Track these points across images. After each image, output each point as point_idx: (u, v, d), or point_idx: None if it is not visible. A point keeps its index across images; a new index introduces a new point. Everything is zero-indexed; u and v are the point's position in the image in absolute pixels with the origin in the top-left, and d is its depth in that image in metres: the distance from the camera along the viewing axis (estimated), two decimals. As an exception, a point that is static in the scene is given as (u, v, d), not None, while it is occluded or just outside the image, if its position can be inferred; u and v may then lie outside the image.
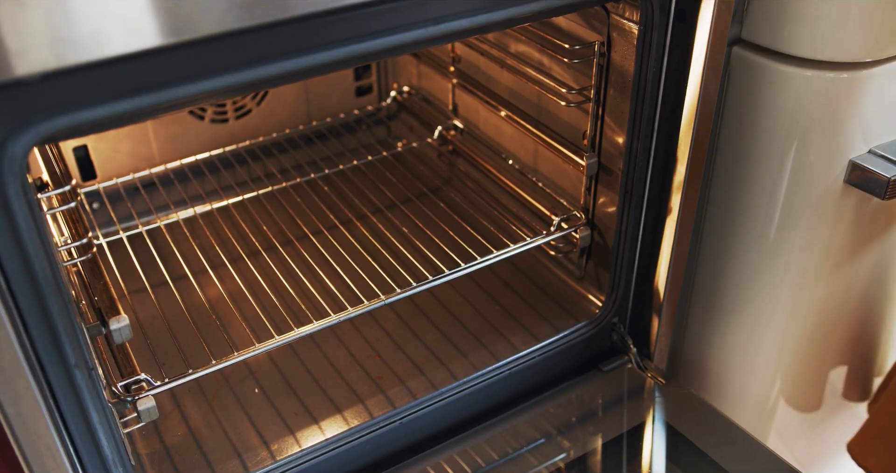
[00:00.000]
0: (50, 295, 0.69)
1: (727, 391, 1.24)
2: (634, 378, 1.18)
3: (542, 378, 1.16)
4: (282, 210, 1.37)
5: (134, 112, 0.66)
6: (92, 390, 0.76)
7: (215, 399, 1.08)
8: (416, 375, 1.11)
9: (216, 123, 1.41)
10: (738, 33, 0.99)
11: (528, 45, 1.19)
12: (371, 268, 1.19)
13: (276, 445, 1.01)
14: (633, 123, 1.00)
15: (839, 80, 0.96)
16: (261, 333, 1.05)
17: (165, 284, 1.20)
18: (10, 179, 0.63)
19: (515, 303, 1.23)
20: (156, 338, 1.16)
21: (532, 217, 1.29)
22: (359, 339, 1.18)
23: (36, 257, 0.67)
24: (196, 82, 0.67)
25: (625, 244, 1.10)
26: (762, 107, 1.01)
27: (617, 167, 1.06)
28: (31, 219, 0.66)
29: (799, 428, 1.30)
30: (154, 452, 1.00)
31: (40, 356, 0.71)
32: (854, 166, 1.02)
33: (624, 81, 1.00)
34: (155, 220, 1.31)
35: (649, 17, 0.91)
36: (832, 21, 0.93)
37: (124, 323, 0.82)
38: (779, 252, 1.08)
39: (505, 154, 1.35)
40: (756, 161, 1.04)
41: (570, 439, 1.10)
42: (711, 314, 1.20)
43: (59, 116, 0.63)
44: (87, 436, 0.78)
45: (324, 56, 0.73)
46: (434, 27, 0.77)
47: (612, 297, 1.16)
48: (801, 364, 1.19)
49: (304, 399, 1.08)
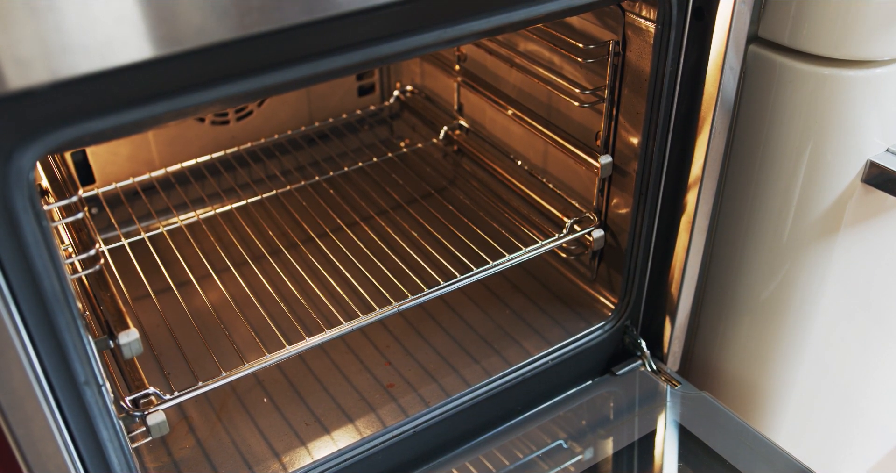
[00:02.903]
0: (58, 311, 0.67)
1: (740, 392, 1.23)
2: (647, 381, 1.16)
3: (555, 383, 1.14)
4: (285, 213, 1.34)
5: (145, 121, 0.63)
6: (102, 406, 0.74)
7: (223, 410, 1.06)
8: (427, 382, 1.09)
9: (217, 125, 1.39)
10: (755, 31, 0.98)
11: (538, 43, 1.17)
12: (379, 272, 1.17)
13: (287, 456, 0.99)
14: (649, 123, 0.98)
15: (857, 78, 0.94)
16: (267, 340, 1.03)
17: (168, 290, 1.17)
18: (18, 192, 0.60)
19: (526, 306, 1.21)
20: (160, 346, 1.13)
21: (542, 219, 1.27)
22: (367, 345, 1.15)
23: (44, 272, 0.64)
24: (207, 90, 0.65)
25: (638, 246, 1.09)
26: (779, 106, 0.99)
27: (631, 168, 1.04)
28: (39, 233, 0.63)
29: (813, 430, 1.28)
30: (162, 466, 0.98)
31: (49, 374, 0.68)
32: (872, 165, 1.00)
33: (639, 80, 0.98)
34: (156, 224, 1.28)
35: (667, 16, 0.90)
36: (849, 19, 0.91)
37: (134, 337, 0.80)
38: (793, 253, 1.07)
39: (513, 155, 1.33)
40: (772, 161, 1.03)
41: (583, 443, 1.08)
42: (724, 315, 1.18)
43: (68, 126, 0.60)
44: (97, 454, 0.76)
45: (339, 60, 0.70)
46: (450, 29, 0.75)
47: (624, 299, 1.14)
48: (814, 366, 1.18)
49: (314, 409, 1.05)
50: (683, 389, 1.14)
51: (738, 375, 1.22)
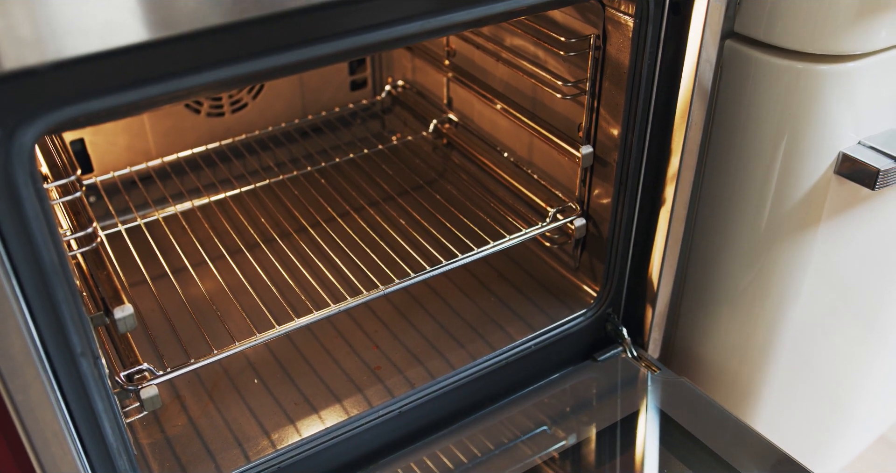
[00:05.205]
0: (57, 284, 0.70)
1: (719, 378, 1.26)
2: (628, 367, 1.19)
3: (538, 368, 1.17)
4: (278, 203, 1.38)
5: (141, 102, 0.67)
6: (97, 378, 0.77)
7: (215, 390, 1.09)
8: (413, 365, 1.12)
9: (212, 117, 1.42)
10: (731, 27, 1.01)
11: (523, 38, 1.21)
12: (368, 259, 1.20)
13: (276, 434, 1.02)
14: (628, 115, 1.02)
15: (830, 72, 0.97)
16: (259, 324, 1.06)
17: (163, 276, 1.20)
18: (20, 168, 0.63)
19: (511, 294, 1.24)
20: (155, 330, 1.16)
21: (527, 209, 1.30)
22: (356, 330, 1.19)
23: (43, 246, 0.68)
24: (202, 73, 0.68)
25: (619, 235, 1.12)
26: (754, 99, 1.02)
27: (612, 159, 1.08)
28: (39, 208, 0.66)
29: (789, 415, 1.32)
30: (155, 442, 1.01)
31: (47, 344, 0.72)
32: (844, 158, 1.03)
33: (619, 73, 1.02)
34: (152, 213, 1.31)
35: (645, 10, 0.93)
36: (822, 15, 0.94)
37: (128, 312, 0.83)
38: (770, 242, 1.10)
39: (500, 147, 1.37)
40: (748, 153, 1.06)
41: (565, 427, 1.11)
42: (704, 303, 1.22)
43: (68, 105, 0.63)
44: (92, 424, 0.79)
45: (324, 48, 0.73)
46: (433, 20, 0.79)
47: (606, 287, 1.17)
48: (793, 355, 1.21)
49: (304, 389, 1.09)
50: (663, 374, 1.17)
51: (718, 362, 1.25)
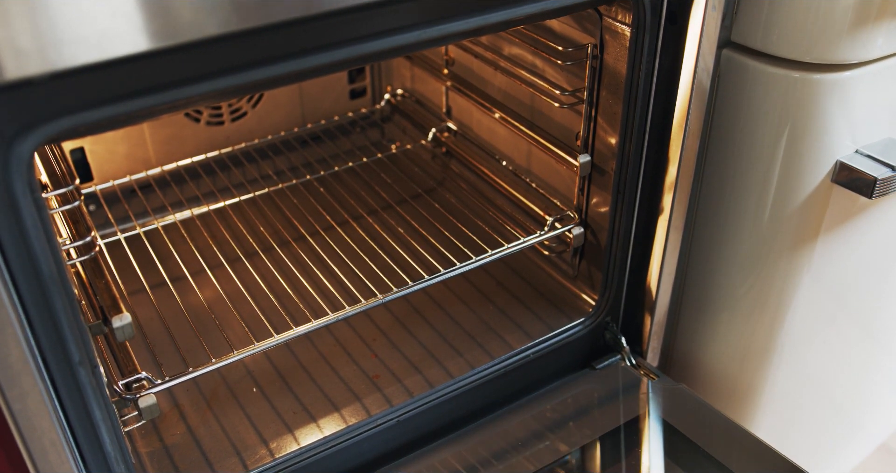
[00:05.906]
0: (55, 292, 0.70)
1: (719, 386, 1.26)
2: (627, 376, 1.19)
3: (536, 376, 1.17)
4: (277, 212, 1.38)
5: (140, 112, 0.67)
6: (95, 387, 0.77)
7: (213, 399, 1.09)
8: (412, 373, 1.12)
9: (212, 126, 1.43)
10: (727, 36, 1.01)
11: (521, 47, 1.21)
12: (367, 268, 1.20)
13: (274, 443, 1.02)
14: (626, 123, 1.02)
15: (826, 81, 0.98)
16: (258, 333, 1.06)
17: (162, 285, 1.20)
18: (18, 177, 0.64)
19: (509, 302, 1.25)
20: (154, 338, 1.16)
21: (525, 217, 1.30)
22: (355, 338, 1.19)
23: (42, 255, 0.68)
24: (201, 83, 0.69)
25: (617, 244, 1.12)
26: (751, 108, 1.03)
27: (610, 167, 1.08)
28: (38, 217, 0.66)
29: (789, 423, 1.31)
30: (153, 450, 1.01)
31: (45, 353, 0.72)
32: (842, 166, 1.04)
33: (616, 82, 1.02)
34: (152, 221, 1.32)
35: (641, 20, 0.93)
36: (818, 24, 0.95)
37: (126, 321, 0.83)
38: (768, 250, 1.10)
39: (498, 155, 1.37)
40: (746, 162, 1.06)
41: (563, 437, 1.11)
42: (703, 311, 1.22)
43: (66, 115, 0.64)
44: (90, 433, 0.79)
45: (323, 58, 0.74)
46: (430, 29, 0.79)
47: (604, 296, 1.17)
48: (793, 363, 1.21)
49: (302, 398, 1.09)
50: (662, 382, 1.17)
51: (718, 371, 1.25)
